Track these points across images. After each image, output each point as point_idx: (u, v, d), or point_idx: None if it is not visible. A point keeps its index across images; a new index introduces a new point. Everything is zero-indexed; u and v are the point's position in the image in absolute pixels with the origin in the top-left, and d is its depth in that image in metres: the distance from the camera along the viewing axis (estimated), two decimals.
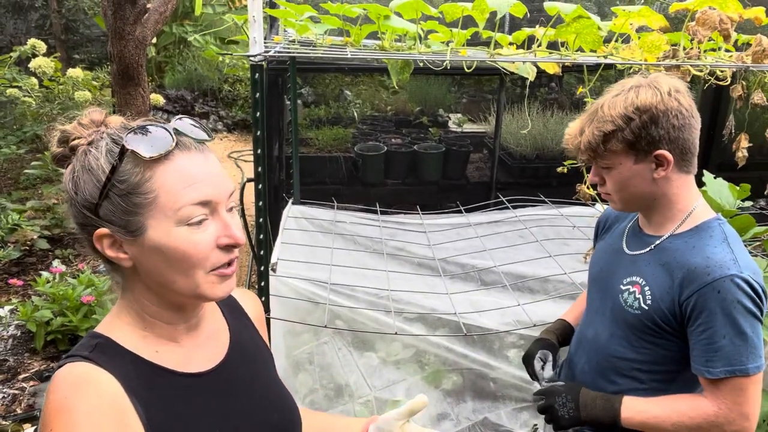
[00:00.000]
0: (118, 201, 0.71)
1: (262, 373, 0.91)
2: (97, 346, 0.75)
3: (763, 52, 1.95)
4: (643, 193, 1.20)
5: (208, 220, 0.73)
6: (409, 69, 1.99)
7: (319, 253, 2.35)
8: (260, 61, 1.44)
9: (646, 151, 1.16)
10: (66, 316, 2.93)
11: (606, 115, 1.16)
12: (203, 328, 0.85)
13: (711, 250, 1.14)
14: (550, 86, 5.08)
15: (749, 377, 1.10)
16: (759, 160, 2.94)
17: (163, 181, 0.71)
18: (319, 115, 5.00)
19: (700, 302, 1.11)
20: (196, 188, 0.72)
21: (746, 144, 2.30)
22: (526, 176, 4.14)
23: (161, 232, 0.71)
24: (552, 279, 2.30)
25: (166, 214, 0.71)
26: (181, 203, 0.71)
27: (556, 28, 1.81)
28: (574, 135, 1.24)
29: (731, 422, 1.11)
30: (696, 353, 1.14)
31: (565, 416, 1.25)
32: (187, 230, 0.72)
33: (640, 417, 1.19)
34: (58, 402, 0.67)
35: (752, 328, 1.10)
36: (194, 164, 0.73)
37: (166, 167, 0.71)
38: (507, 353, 2.38)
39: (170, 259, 0.72)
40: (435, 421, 2.28)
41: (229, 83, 8.33)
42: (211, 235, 0.73)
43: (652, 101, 1.14)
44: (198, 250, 0.72)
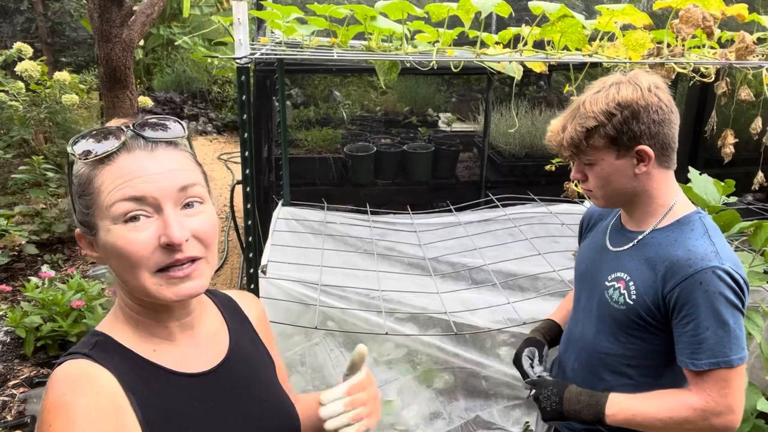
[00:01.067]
0: (78, 201, 0.75)
1: (261, 377, 0.90)
2: (97, 343, 0.75)
3: (746, 48, 1.97)
4: (625, 189, 1.22)
5: (150, 218, 0.72)
6: (396, 69, 1.99)
7: (309, 255, 2.35)
8: (246, 63, 1.44)
9: (628, 146, 1.17)
10: (56, 321, 2.91)
11: (588, 111, 1.17)
12: (201, 328, 0.84)
13: (692, 243, 1.15)
14: (539, 84, 5.10)
15: (733, 369, 1.11)
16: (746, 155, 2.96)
17: (102, 180, 0.72)
18: (308, 116, 4.99)
19: (683, 294, 1.12)
20: (131, 184, 0.71)
21: (732, 140, 2.32)
22: (515, 175, 4.15)
23: (104, 231, 0.72)
24: (542, 276, 2.32)
25: (104, 213, 0.72)
26: (113, 199, 0.71)
27: (541, 27, 1.82)
28: (556, 132, 1.25)
29: (717, 414, 1.12)
30: (681, 346, 1.16)
31: (548, 408, 1.27)
32: (124, 228, 0.71)
33: (625, 414, 1.19)
34: (57, 398, 0.68)
35: (734, 320, 1.11)
36: (135, 163, 0.72)
37: (108, 168, 0.72)
38: (498, 351, 2.39)
39: (115, 259, 0.73)
40: (427, 420, 2.29)
41: (218, 85, 8.30)
42: (152, 233, 0.71)
43: (633, 97, 1.15)
44: (134, 248, 0.71)
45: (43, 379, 2.80)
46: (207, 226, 0.76)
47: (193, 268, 0.74)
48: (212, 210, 0.79)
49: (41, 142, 5.09)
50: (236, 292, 0.99)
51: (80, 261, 4.03)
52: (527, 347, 1.46)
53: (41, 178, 4.36)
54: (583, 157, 1.22)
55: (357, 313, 2.13)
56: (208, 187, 0.80)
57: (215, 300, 0.93)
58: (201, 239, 0.75)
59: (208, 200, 0.78)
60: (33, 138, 4.98)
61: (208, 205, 0.78)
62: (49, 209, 4.26)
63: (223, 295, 0.96)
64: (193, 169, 0.78)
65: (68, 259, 4.06)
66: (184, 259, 0.73)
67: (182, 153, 0.78)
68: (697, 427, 1.15)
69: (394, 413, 2.28)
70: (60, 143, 4.92)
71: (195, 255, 0.74)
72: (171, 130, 0.77)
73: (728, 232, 1.80)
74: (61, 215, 4.24)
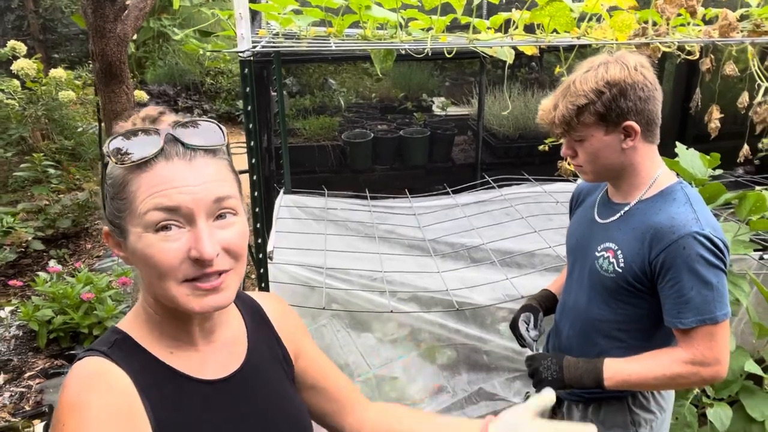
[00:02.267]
0: (110, 203, 0.74)
1: (275, 385, 0.89)
2: (115, 342, 0.76)
3: (729, 25, 2.03)
4: (613, 163, 1.29)
5: (182, 229, 0.70)
6: (391, 57, 2.05)
7: (312, 240, 2.42)
8: (249, 57, 1.50)
9: (616, 122, 1.24)
10: (67, 314, 2.99)
11: (578, 89, 1.24)
12: (220, 334, 0.83)
13: (675, 211, 1.23)
14: (531, 66, 5.15)
15: (718, 324, 1.20)
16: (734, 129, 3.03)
17: (137, 186, 0.70)
18: (305, 105, 5.03)
19: (668, 259, 1.20)
20: (166, 194, 0.69)
21: (718, 115, 2.39)
22: (510, 156, 4.22)
23: (134, 237, 0.71)
24: (538, 253, 2.40)
25: (136, 219, 0.70)
26: (147, 207, 0.69)
27: (530, 11, 1.88)
28: (548, 110, 1.31)
29: (705, 366, 1.21)
30: (668, 307, 1.23)
31: (549, 378, 1.33)
32: (155, 237, 0.70)
33: (621, 375, 1.27)
34: (72, 397, 0.68)
35: (717, 279, 1.19)
36: (172, 172, 0.70)
37: (144, 174, 0.70)
38: (498, 327, 2.47)
39: (144, 265, 0.72)
40: (433, 394, 2.39)
41: (211, 76, 8.30)
42: (183, 244, 0.70)
43: (621, 76, 1.22)
44: (163, 257, 0.69)
45: (57, 370, 2.88)
46: (238, 239, 0.74)
47: (221, 281, 0.73)
48: (244, 221, 0.77)
49: (39, 140, 5.12)
50: (260, 295, 0.98)
51: (86, 255, 4.10)
52: (523, 312, 1.54)
53: (42, 175, 4.41)
54: (573, 133, 1.28)
55: (361, 294, 2.21)
56: (242, 196, 0.78)
57: (239, 304, 0.91)
58: (231, 252, 0.74)
59: (242, 211, 0.76)
60: (30, 135, 5.02)
61: (241, 216, 0.76)
62: (52, 205, 4.32)
63: (248, 297, 0.95)
64: (230, 179, 0.76)
65: (73, 253, 4.13)
66: (213, 272, 0.72)
67: (220, 161, 0.75)
68: (688, 381, 1.24)
69: (400, 388, 2.37)
70: (58, 140, 4.96)
71: (224, 268, 0.73)
72: (211, 136, 0.75)
73: (714, 203, 1.88)
74: (64, 211, 4.31)
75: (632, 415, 1.42)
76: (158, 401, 0.73)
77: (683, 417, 1.86)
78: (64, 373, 2.82)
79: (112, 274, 3.35)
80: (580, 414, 1.50)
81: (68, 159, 5.01)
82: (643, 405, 1.42)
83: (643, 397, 1.42)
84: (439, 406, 2.37)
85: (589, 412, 1.47)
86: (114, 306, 3.01)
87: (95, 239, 4.32)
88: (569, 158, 1.35)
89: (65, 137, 4.99)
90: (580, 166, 1.33)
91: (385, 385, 2.40)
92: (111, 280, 3.24)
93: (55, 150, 4.84)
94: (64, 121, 4.83)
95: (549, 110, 1.31)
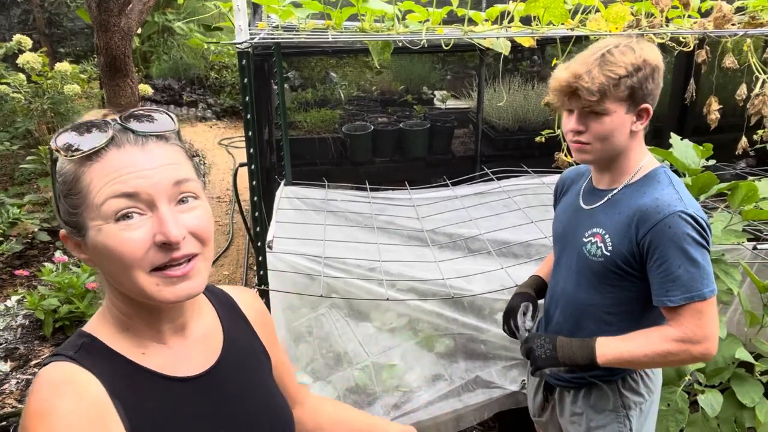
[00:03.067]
0: (63, 201, 0.70)
1: (254, 379, 0.87)
2: (82, 345, 0.72)
3: (724, 17, 2.05)
4: (619, 145, 1.29)
5: (144, 216, 0.68)
6: (389, 49, 2.08)
7: (312, 230, 2.46)
8: (246, 48, 1.53)
9: (638, 103, 1.25)
10: (72, 303, 3.04)
11: (618, 60, 1.21)
12: (193, 329, 0.81)
13: (659, 192, 1.26)
14: (532, 59, 5.16)
15: (706, 300, 1.22)
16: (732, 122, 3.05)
17: (90, 178, 0.68)
18: (307, 98, 5.07)
19: (655, 239, 1.23)
20: (121, 180, 0.67)
21: (717, 107, 2.41)
22: (509, 148, 4.24)
23: (95, 231, 0.68)
24: (534, 243, 2.43)
25: (94, 212, 0.67)
26: (104, 197, 0.67)
27: (526, 3, 1.90)
28: (578, 75, 1.22)
29: (695, 342, 1.23)
30: (656, 286, 1.26)
31: (542, 356, 1.35)
32: (116, 227, 0.67)
33: (614, 353, 1.29)
34: (38, 404, 0.65)
35: (702, 257, 1.22)
36: (125, 159, 0.68)
37: (96, 164, 0.68)
38: (495, 317, 2.51)
39: (108, 259, 0.69)
40: (430, 382, 2.42)
41: (216, 70, 8.35)
42: (147, 231, 0.68)
43: (655, 57, 1.24)
44: (127, 247, 0.67)
45: None
46: (203, 222, 0.72)
47: (191, 267, 0.71)
48: (207, 205, 0.75)
49: (45, 133, 5.18)
50: (234, 289, 0.95)
51: None
52: (523, 302, 1.54)
53: (48, 167, 4.47)
54: (599, 106, 1.23)
55: (359, 284, 2.24)
56: (201, 181, 0.76)
57: (211, 297, 0.89)
58: (197, 235, 0.72)
59: (203, 195, 0.74)
60: (36, 129, 5.08)
61: (203, 200, 0.74)
62: None
63: (221, 291, 0.93)
64: (186, 163, 0.74)
65: None
66: (181, 257, 0.69)
67: (173, 146, 0.73)
68: (678, 358, 1.27)
69: (398, 376, 2.41)
70: None
71: (192, 252, 0.71)
72: (160, 122, 0.73)
73: (707, 193, 1.90)
74: None
75: (622, 398, 1.45)
76: (132, 405, 0.70)
77: (675, 403, 1.89)
78: None
79: None
80: (570, 399, 1.53)
81: None
82: (632, 388, 1.45)
83: (632, 380, 1.44)
84: (436, 393, 2.40)
85: (580, 397, 1.50)
86: None
87: None
88: (573, 134, 1.29)
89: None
90: (586, 143, 1.29)
91: (383, 372, 2.43)
92: None
93: None
94: (70, 115, 4.88)
95: (579, 75, 1.22)
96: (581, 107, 1.26)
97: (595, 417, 1.47)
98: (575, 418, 1.51)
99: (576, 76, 1.23)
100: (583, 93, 1.22)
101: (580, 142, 1.30)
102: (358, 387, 2.40)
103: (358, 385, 2.41)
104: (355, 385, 2.40)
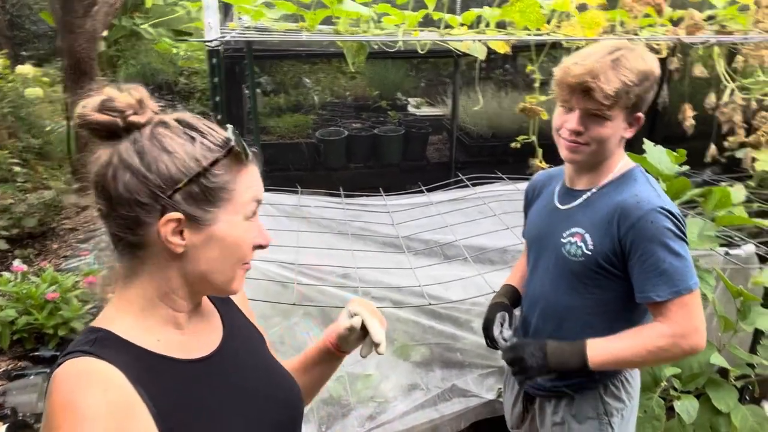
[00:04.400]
0: (201, 192, 0.74)
1: (260, 353, 0.93)
2: (97, 340, 0.73)
3: (695, 25, 2.08)
4: (610, 150, 1.28)
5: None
6: (364, 52, 2.04)
7: (284, 237, 2.39)
8: (217, 46, 1.47)
9: (636, 111, 1.24)
10: (31, 314, 2.90)
11: (633, 67, 1.17)
12: (199, 314, 0.86)
13: (638, 189, 1.26)
14: (504, 68, 5.20)
15: (692, 293, 1.21)
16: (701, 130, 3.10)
17: (241, 180, 0.78)
18: (279, 103, 5.00)
19: (638, 235, 1.22)
20: (258, 189, 0.81)
21: (691, 113, 2.44)
22: (483, 155, 4.25)
23: (230, 225, 0.77)
24: (510, 249, 2.41)
25: (237, 209, 0.78)
26: (249, 197, 0.79)
27: (502, 7, 1.89)
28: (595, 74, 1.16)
29: (686, 336, 1.22)
30: (640, 282, 1.24)
31: (534, 365, 1.30)
32: (247, 224, 0.79)
33: (606, 354, 1.26)
34: (63, 398, 0.65)
35: (683, 250, 1.22)
36: (255, 172, 0.82)
37: (246, 169, 0.79)
38: (471, 324, 2.48)
39: (227, 250, 0.78)
40: (406, 392, 2.37)
41: (185, 76, 8.19)
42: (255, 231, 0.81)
43: (658, 68, 1.23)
44: (253, 240, 0.80)
45: (21, 372, 2.79)
46: None
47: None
48: None
49: (5, 138, 4.99)
50: None
51: (52, 255, 3.99)
52: (498, 312, 1.47)
53: (7, 173, 4.29)
54: (608, 111, 1.19)
55: (333, 291, 2.19)
56: None
57: None
58: None
59: None
60: None
61: None
62: (18, 204, 4.20)
63: None
64: None
65: (39, 253, 4.02)
66: None
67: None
68: (669, 354, 1.25)
69: (373, 386, 2.36)
70: (25, 138, 4.84)
71: None
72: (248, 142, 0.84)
73: (680, 199, 1.91)
74: (30, 210, 4.19)
75: (604, 405, 1.42)
76: (154, 388, 0.72)
77: (651, 410, 1.88)
78: (28, 375, 2.74)
79: (78, 273, 3.27)
80: (551, 409, 1.49)
81: (36, 158, 4.89)
82: (614, 394, 1.42)
83: (614, 387, 1.42)
84: (412, 403, 2.36)
85: (562, 407, 1.46)
86: (80, 306, 2.93)
87: (62, 239, 4.21)
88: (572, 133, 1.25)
89: (33, 135, 4.87)
90: (584, 144, 1.25)
91: (358, 382, 2.38)
92: (77, 279, 3.16)
93: (21, 148, 4.72)
94: (32, 119, 4.71)
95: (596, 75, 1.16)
96: (587, 108, 1.20)
97: (577, 426, 1.44)
98: (557, 428, 1.48)
99: (593, 74, 1.16)
100: (598, 95, 1.16)
101: (577, 143, 1.26)
102: (332, 398, 2.34)
103: (332, 396, 2.35)
104: (329, 396, 2.34)
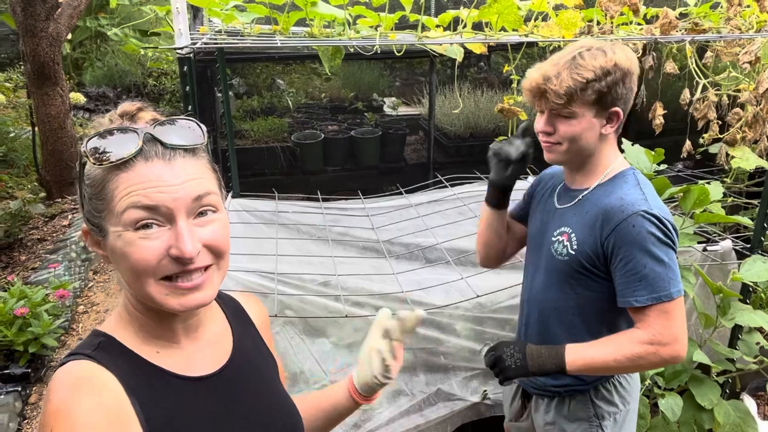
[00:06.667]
0: (88, 202, 0.73)
1: (265, 379, 0.90)
2: (100, 344, 0.74)
3: (670, 24, 2.09)
4: (588, 147, 1.28)
5: (162, 227, 0.70)
6: (340, 55, 2.00)
7: (263, 245, 2.34)
8: (188, 53, 1.42)
9: (607, 107, 1.24)
10: None
11: (587, 64, 1.20)
12: (205, 331, 0.84)
13: (625, 192, 1.25)
14: (479, 66, 5.20)
15: (673, 301, 1.21)
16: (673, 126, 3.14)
17: (115, 186, 0.70)
18: (253, 106, 4.91)
19: (619, 239, 1.21)
20: (145, 193, 0.69)
21: (662, 112, 2.46)
22: (461, 155, 4.25)
23: (114, 236, 0.71)
24: None
25: (116, 218, 0.70)
26: (125, 206, 0.69)
27: (479, 9, 1.87)
28: (547, 78, 1.23)
29: (664, 344, 1.21)
30: (621, 286, 1.24)
31: (512, 366, 1.30)
32: (135, 235, 0.70)
33: (583, 360, 1.26)
34: (58, 401, 0.67)
35: (668, 256, 1.21)
36: (151, 172, 0.70)
37: (124, 173, 0.70)
38: (455, 327, 2.46)
39: (123, 264, 0.72)
40: (391, 398, 2.35)
41: (154, 77, 8.02)
42: (163, 242, 0.70)
43: (626, 62, 1.22)
44: (141, 256, 0.70)
45: None
46: (219, 236, 0.75)
47: (203, 279, 0.73)
48: (225, 217, 0.77)
49: None
50: (241, 295, 0.99)
51: (20, 267, 3.85)
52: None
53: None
54: (566, 109, 1.23)
55: (315, 300, 2.15)
56: (222, 192, 0.78)
57: (220, 302, 0.92)
58: (213, 248, 0.74)
59: (222, 208, 0.77)
60: None
61: (222, 213, 0.76)
62: None
63: (228, 297, 0.96)
64: (209, 176, 0.76)
65: (6, 266, 3.88)
66: (194, 269, 0.72)
67: (199, 160, 0.75)
68: (648, 361, 1.24)
69: None
70: None
71: (206, 264, 0.74)
72: (190, 134, 0.74)
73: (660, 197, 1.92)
74: None
75: (595, 408, 1.43)
76: (148, 401, 0.72)
77: None
78: None
79: (48, 286, 3.16)
80: (544, 408, 1.51)
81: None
82: (605, 398, 1.43)
83: (606, 390, 1.43)
84: (398, 409, 2.33)
85: (553, 407, 1.48)
86: (50, 321, 2.83)
87: (30, 250, 4.07)
88: (543, 134, 1.31)
89: None
90: (556, 143, 1.29)
91: None
92: (47, 293, 3.05)
93: None
94: None
95: (550, 77, 1.22)
96: (550, 109, 1.26)
97: (568, 426, 1.45)
98: (549, 427, 1.49)
99: (545, 78, 1.23)
100: (551, 95, 1.23)
101: (549, 142, 1.31)
102: None
103: None
104: None
